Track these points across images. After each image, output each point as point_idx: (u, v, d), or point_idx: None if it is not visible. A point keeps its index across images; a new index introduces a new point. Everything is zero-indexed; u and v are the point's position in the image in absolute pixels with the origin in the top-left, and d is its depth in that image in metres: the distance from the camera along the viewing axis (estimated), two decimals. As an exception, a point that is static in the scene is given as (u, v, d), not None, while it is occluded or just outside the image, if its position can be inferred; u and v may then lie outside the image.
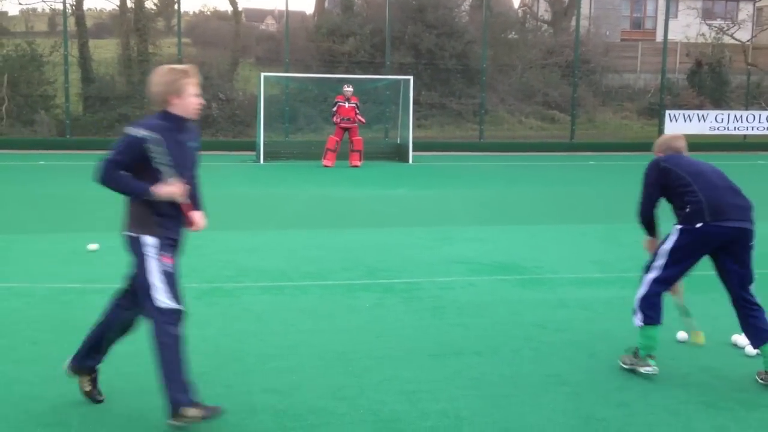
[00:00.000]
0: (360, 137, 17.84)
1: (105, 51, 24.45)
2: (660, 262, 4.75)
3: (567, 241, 9.17)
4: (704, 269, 4.82)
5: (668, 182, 4.78)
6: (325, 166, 17.34)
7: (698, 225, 4.60)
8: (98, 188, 3.96)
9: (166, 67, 4.04)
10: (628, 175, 17.39)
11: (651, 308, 4.74)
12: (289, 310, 6.11)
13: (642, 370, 4.78)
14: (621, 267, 7.85)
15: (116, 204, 4.35)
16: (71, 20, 22.78)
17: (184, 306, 3.97)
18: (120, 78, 23.27)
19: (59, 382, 4.48)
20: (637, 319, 4.81)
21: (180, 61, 21.45)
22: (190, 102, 3.96)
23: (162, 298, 3.86)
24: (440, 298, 6.55)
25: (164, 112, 3.95)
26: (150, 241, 3.91)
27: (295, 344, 5.29)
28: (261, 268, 7.41)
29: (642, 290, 4.82)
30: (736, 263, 4.67)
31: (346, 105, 17.47)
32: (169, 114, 3.94)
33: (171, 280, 3.92)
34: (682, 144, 5.00)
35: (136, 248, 3.93)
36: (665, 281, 4.76)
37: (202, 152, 4.08)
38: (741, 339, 5.35)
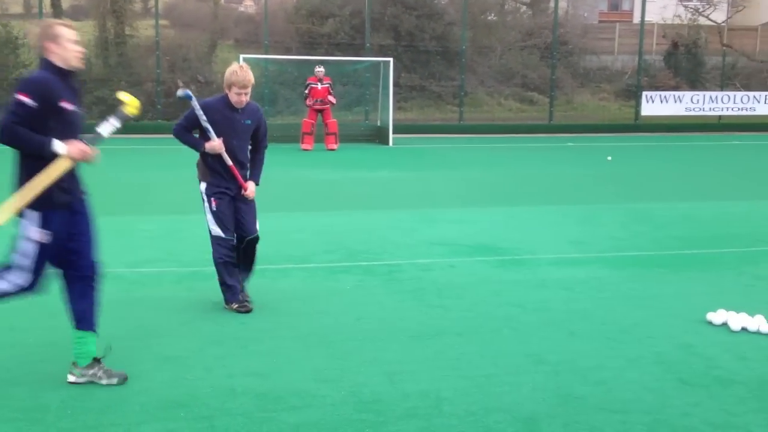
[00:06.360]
0: (334, 120, 17.63)
1: (81, 33, 23.80)
2: None
3: (546, 222, 9.22)
4: (680, 248, 4.88)
5: None
6: (305, 150, 17.25)
7: None
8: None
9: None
10: (605, 156, 17.51)
11: None
12: (270, 293, 6.11)
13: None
14: (599, 247, 7.91)
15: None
16: (47, 2, 22.46)
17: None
18: (97, 60, 22.95)
19: (37, 367, 4.47)
20: None
21: (158, 43, 21.26)
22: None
23: None
24: (420, 280, 6.58)
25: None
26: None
27: (276, 327, 5.29)
28: (241, 252, 7.37)
29: None
30: None
31: (319, 86, 17.27)
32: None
33: None
34: None
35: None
36: None
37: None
38: (716, 317, 5.44)
